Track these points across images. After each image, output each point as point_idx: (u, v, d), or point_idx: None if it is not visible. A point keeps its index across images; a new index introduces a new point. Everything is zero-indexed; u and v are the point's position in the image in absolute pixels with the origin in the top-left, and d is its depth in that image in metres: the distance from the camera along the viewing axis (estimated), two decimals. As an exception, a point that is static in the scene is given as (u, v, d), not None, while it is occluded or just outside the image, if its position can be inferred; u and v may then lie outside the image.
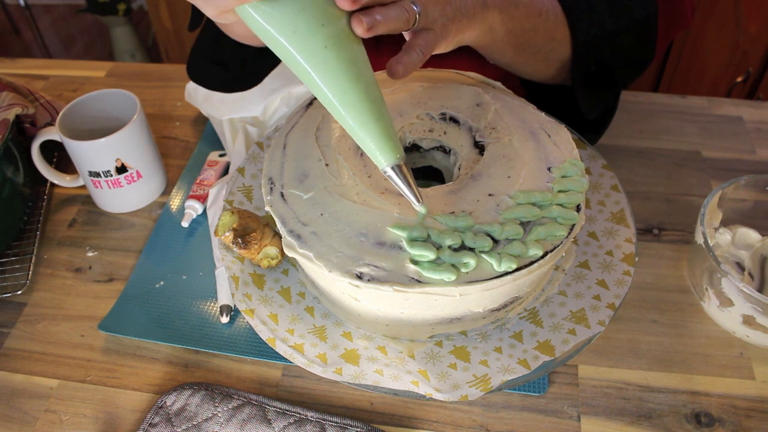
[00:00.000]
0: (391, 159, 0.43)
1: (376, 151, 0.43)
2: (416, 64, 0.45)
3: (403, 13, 0.43)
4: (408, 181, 0.44)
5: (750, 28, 1.37)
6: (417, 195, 0.44)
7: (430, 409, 0.52)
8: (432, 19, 0.46)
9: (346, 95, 0.40)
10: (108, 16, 2.13)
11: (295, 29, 0.39)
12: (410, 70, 0.45)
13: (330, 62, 0.39)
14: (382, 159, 0.43)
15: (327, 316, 0.53)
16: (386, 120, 0.42)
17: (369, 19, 0.42)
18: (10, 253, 0.66)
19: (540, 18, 0.56)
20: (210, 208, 0.67)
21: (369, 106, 0.41)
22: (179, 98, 0.86)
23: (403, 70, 0.45)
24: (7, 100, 0.69)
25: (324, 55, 0.39)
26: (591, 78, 0.62)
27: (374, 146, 0.42)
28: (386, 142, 0.42)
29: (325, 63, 0.39)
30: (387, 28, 0.43)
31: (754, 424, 0.51)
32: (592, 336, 0.50)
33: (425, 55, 0.46)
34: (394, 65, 0.45)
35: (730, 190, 0.59)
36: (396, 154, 0.43)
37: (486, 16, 0.51)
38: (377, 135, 0.42)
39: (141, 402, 0.54)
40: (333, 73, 0.40)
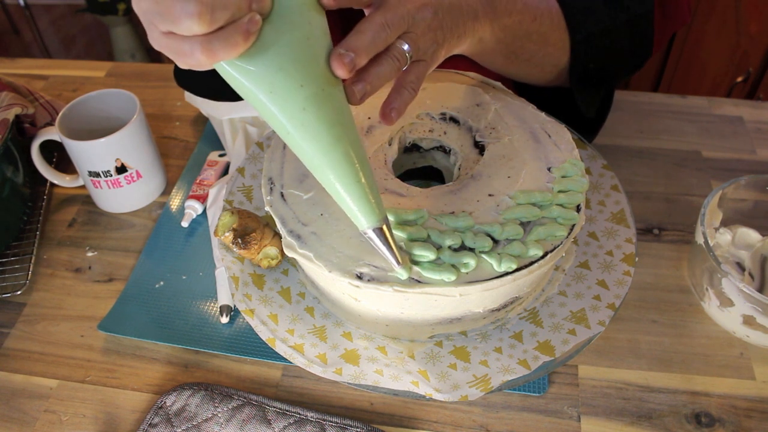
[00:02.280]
0: (371, 221, 0.41)
1: (357, 213, 0.41)
2: (408, 102, 0.45)
3: (395, 63, 0.42)
4: (389, 243, 0.42)
5: (750, 28, 1.37)
6: (397, 258, 0.42)
7: (430, 409, 0.52)
8: (423, 50, 0.45)
9: (326, 157, 0.39)
10: (108, 16, 2.13)
11: (272, 89, 0.37)
12: (403, 111, 0.44)
13: (309, 124, 0.38)
14: (363, 221, 0.41)
15: (327, 317, 0.53)
16: (368, 181, 0.40)
17: (361, 86, 0.40)
18: (10, 253, 0.66)
19: (534, 23, 0.55)
20: (210, 208, 0.67)
21: (350, 168, 0.39)
22: (179, 98, 0.86)
23: (397, 114, 0.44)
24: (7, 100, 0.69)
25: (302, 116, 0.37)
26: (589, 75, 0.62)
27: (355, 208, 0.41)
28: (366, 205, 0.40)
29: (303, 125, 0.38)
30: (380, 87, 0.42)
31: (754, 424, 0.51)
32: (592, 336, 0.50)
33: (416, 91, 0.45)
34: (388, 112, 0.44)
35: (730, 190, 0.59)
36: (376, 216, 0.41)
37: (476, 29, 0.50)
38: (358, 197, 0.40)
39: (141, 402, 0.54)
40: (312, 134, 0.38)
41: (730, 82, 1.48)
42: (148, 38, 0.37)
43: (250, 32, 0.34)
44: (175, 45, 0.35)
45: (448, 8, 0.46)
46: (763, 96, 1.46)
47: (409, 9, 0.43)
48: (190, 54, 0.35)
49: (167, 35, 0.35)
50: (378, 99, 0.55)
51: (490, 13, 0.51)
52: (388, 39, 0.42)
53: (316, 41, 0.38)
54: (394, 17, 0.42)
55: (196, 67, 0.36)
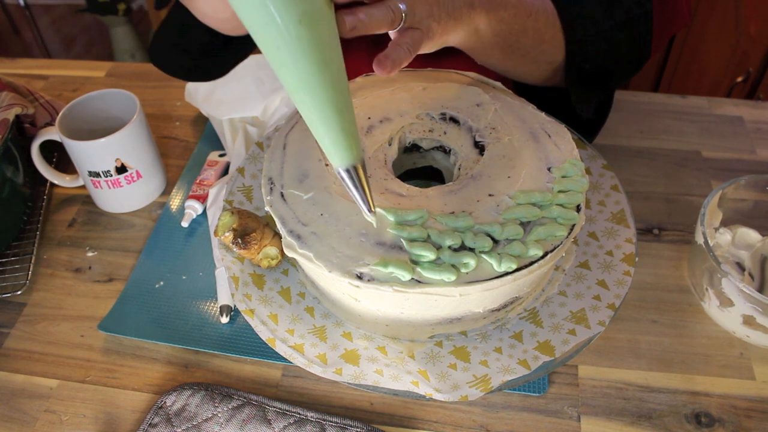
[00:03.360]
0: (346, 159, 0.40)
1: (331, 148, 0.40)
2: (403, 61, 0.45)
3: (389, 13, 0.43)
4: (362, 185, 0.41)
5: (750, 28, 1.37)
6: (369, 202, 0.42)
7: (430, 410, 0.52)
8: (419, 18, 0.46)
9: (312, 78, 0.38)
10: (108, 16, 2.13)
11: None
12: (397, 67, 0.44)
13: (303, 39, 0.37)
14: (336, 158, 0.40)
15: (327, 317, 0.53)
16: (349, 114, 0.40)
17: (353, 18, 0.41)
18: (10, 253, 0.66)
19: (529, 19, 0.56)
20: (210, 208, 0.67)
21: (335, 95, 0.39)
22: (179, 98, 0.86)
23: (392, 65, 0.44)
24: (7, 100, 0.69)
25: (297, 30, 0.36)
26: (585, 77, 0.62)
27: (330, 142, 0.40)
28: (344, 140, 0.39)
29: (298, 39, 0.37)
30: (371, 28, 0.42)
31: (754, 424, 0.51)
32: (592, 336, 0.50)
33: (412, 53, 0.45)
34: (383, 60, 0.44)
35: (730, 190, 0.59)
36: (352, 153, 0.40)
37: (473, 18, 0.51)
38: (338, 129, 0.39)
39: (141, 402, 0.54)
40: (303, 51, 0.37)
41: (730, 82, 1.48)
42: None
43: None
44: None
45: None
46: (763, 96, 1.46)
47: None
48: None
49: None
50: (378, 99, 0.56)
51: (485, 3, 0.52)
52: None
53: None
54: None
55: None
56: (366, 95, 0.56)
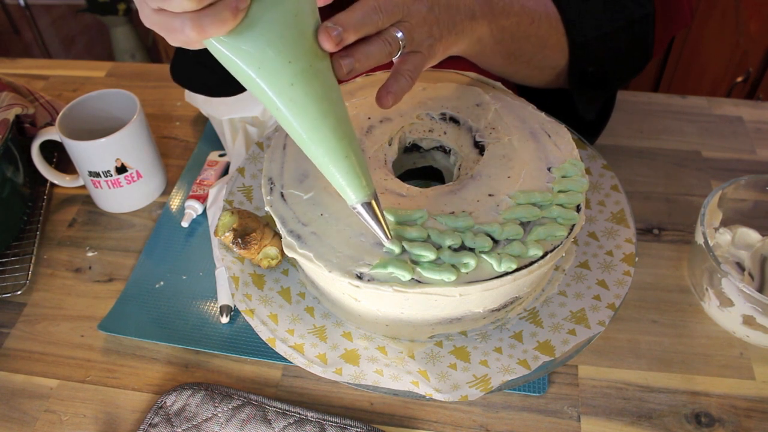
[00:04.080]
0: (360, 196, 0.41)
1: (346, 188, 0.41)
2: (405, 90, 0.45)
3: (385, 46, 0.43)
4: (378, 218, 0.42)
5: (750, 28, 1.37)
6: (386, 232, 0.43)
7: (430, 409, 0.52)
8: (418, 42, 0.45)
9: (315, 132, 0.39)
10: (108, 16, 2.13)
11: (261, 65, 0.37)
12: (400, 98, 0.45)
13: (297, 99, 0.38)
14: (352, 195, 0.41)
15: (327, 317, 0.53)
16: (356, 156, 0.41)
17: (349, 61, 0.41)
18: (10, 253, 0.66)
19: (532, 26, 0.55)
20: (210, 208, 0.67)
21: (338, 143, 0.40)
22: (179, 98, 0.86)
23: (393, 99, 0.44)
24: (7, 100, 0.69)
25: (291, 92, 0.38)
26: (588, 79, 0.62)
27: (344, 183, 0.41)
28: (355, 179, 0.41)
29: (292, 100, 0.38)
30: (368, 66, 0.42)
31: (754, 424, 0.51)
32: (592, 336, 0.50)
33: (414, 80, 0.45)
34: (384, 95, 0.44)
35: (730, 190, 0.59)
36: (365, 191, 0.41)
37: (474, 29, 0.50)
38: (346, 172, 0.41)
39: (141, 402, 0.54)
40: (301, 109, 0.39)
41: (730, 82, 1.48)
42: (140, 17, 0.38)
43: (238, 9, 0.35)
44: (166, 21, 0.36)
45: (445, 6, 0.47)
46: (763, 96, 1.46)
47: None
48: (180, 30, 0.35)
49: (158, 12, 0.36)
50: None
51: (487, 13, 0.51)
52: (380, 23, 0.42)
53: (304, 17, 0.38)
54: (387, 3, 0.42)
55: (186, 44, 0.37)
56: (366, 95, 0.56)
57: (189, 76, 0.72)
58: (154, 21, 0.36)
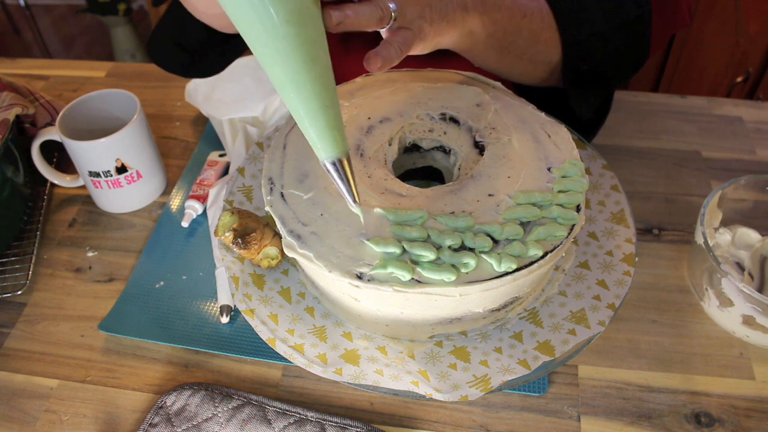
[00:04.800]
0: (331, 152, 0.41)
1: (318, 142, 0.41)
2: (393, 59, 0.45)
3: (377, 11, 0.43)
4: (347, 178, 0.42)
5: (750, 28, 1.37)
6: (354, 194, 0.42)
7: (430, 409, 0.52)
8: (409, 19, 0.46)
9: (299, 75, 0.39)
10: (108, 16, 2.13)
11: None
12: (387, 65, 0.45)
13: (290, 38, 0.38)
14: (322, 151, 0.41)
15: (327, 317, 0.53)
16: (335, 110, 0.40)
17: (339, 14, 0.41)
18: (10, 253, 0.66)
19: (524, 20, 0.56)
20: (210, 208, 0.67)
21: (320, 90, 0.39)
22: (179, 98, 0.86)
23: (382, 62, 0.44)
24: (7, 100, 0.69)
25: (285, 29, 0.37)
26: (582, 78, 0.62)
27: (316, 136, 0.40)
28: (330, 134, 0.40)
29: (285, 37, 0.38)
30: (358, 24, 0.43)
31: (754, 424, 0.51)
32: (592, 336, 0.50)
33: (402, 52, 0.45)
34: (373, 56, 0.44)
35: (730, 190, 0.59)
36: (338, 148, 0.41)
37: (466, 21, 0.51)
38: (324, 125, 0.40)
39: (141, 402, 0.54)
40: (291, 50, 0.38)
41: (729, 82, 1.48)
42: None
43: None
44: None
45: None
46: (762, 96, 1.46)
47: None
48: None
49: None
50: (378, 99, 0.56)
51: (479, 6, 0.52)
52: None
53: None
54: None
55: None
56: (366, 95, 0.56)
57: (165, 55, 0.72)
58: None
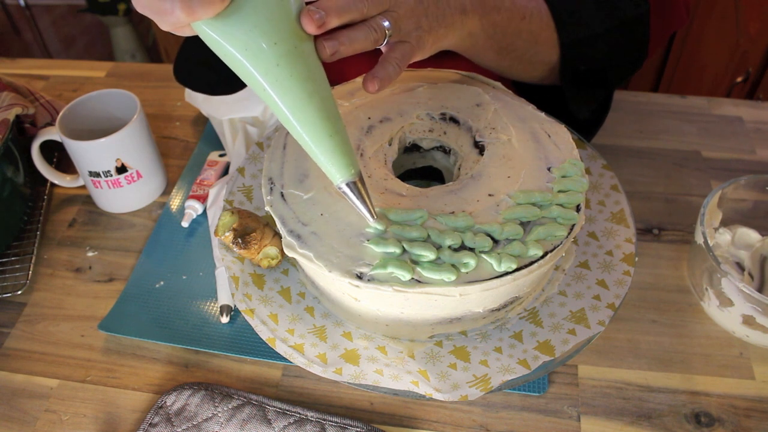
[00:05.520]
0: (344, 175, 0.42)
1: (331, 167, 0.42)
2: (392, 77, 0.45)
3: (371, 33, 0.43)
4: (362, 197, 0.43)
5: (750, 28, 1.37)
6: (371, 211, 0.44)
7: (430, 409, 0.52)
8: (406, 32, 0.46)
9: (300, 112, 0.40)
10: (108, 16, 2.13)
11: (247, 47, 0.38)
12: (386, 84, 0.45)
13: (283, 80, 0.39)
14: (337, 175, 0.42)
15: (327, 316, 0.53)
16: (341, 136, 0.42)
17: (333, 44, 0.42)
18: (10, 253, 0.66)
19: (523, 21, 0.56)
20: (210, 208, 0.67)
21: (323, 123, 0.41)
22: (179, 98, 0.86)
23: (380, 84, 0.45)
24: (7, 100, 0.69)
25: (277, 72, 0.39)
26: (580, 78, 0.62)
27: (328, 162, 0.42)
28: (340, 159, 0.42)
29: (278, 80, 0.39)
30: (353, 50, 0.43)
31: (754, 424, 0.51)
32: (592, 336, 0.50)
33: (401, 68, 0.46)
34: (370, 80, 0.45)
35: (730, 190, 0.59)
36: (349, 170, 0.42)
37: (465, 23, 0.51)
38: (331, 151, 0.41)
39: (141, 402, 0.54)
40: (286, 90, 0.40)
41: (729, 82, 1.48)
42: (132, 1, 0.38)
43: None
44: (157, 4, 0.36)
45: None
46: (762, 96, 1.46)
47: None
48: (170, 12, 0.36)
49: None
50: (378, 99, 0.56)
51: (478, 8, 0.51)
52: (365, 11, 0.43)
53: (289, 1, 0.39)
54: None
55: (176, 26, 0.38)
56: (366, 95, 0.56)
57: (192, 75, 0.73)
58: (146, 4, 0.37)
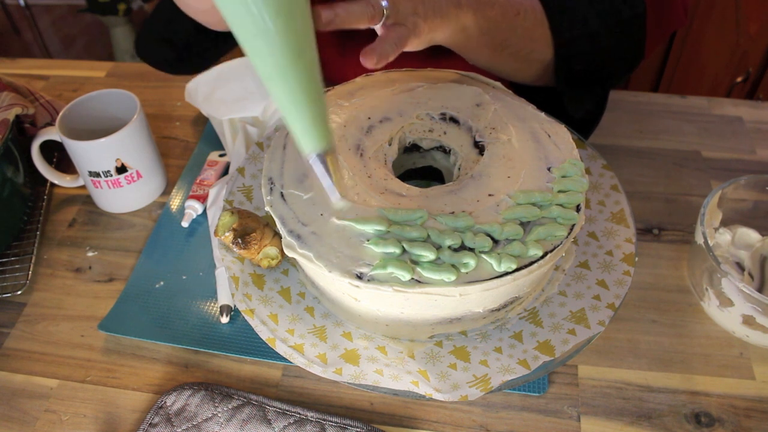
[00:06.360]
0: (317, 146, 0.40)
1: (302, 135, 0.40)
2: (389, 55, 0.45)
3: (368, 8, 0.43)
4: (329, 172, 0.42)
5: (750, 28, 1.37)
6: (338, 189, 0.42)
7: (430, 409, 0.52)
8: (403, 15, 0.46)
9: (286, 68, 0.39)
10: (108, 16, 2.13)
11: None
12: (383, 60, 0.45)
13: (278, 30, 0.37)
14: (307, 144, 0.40)
15: (327, 316, 0.53)
16: (320, 106, 0.40)
17: (329, 12, 0.41)
18: (10, 253, 0.66)
19: (518, 18, 0.56)
20: (210, 208, 0.67)
21: (305, 84, 0.39)
22: (179, 98, 0.86)
23: (378, 57, 0.44)
24: (7, 100, 0.69)
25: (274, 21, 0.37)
26: (575, 77, 0.62)
27: (301, 129, 0.40)
28: (315, 128, 0.40)
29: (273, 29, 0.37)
30: (348, 22, 0.43)
31: (754, 424, 0.51)
32: (592, 336, 0.50)
33: (398, 48, 0.46)
34: (369, 52, 0.44)
35: (730, 190, 0.59)
36: (323, 142, 0.40)
37: (459, 16, 0.51)
38: (308, 118, 0.40)
39: (141, 402, 0.54)
40: (278, 42, 0.38)
41: (729, 82, 1.48)
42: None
43: None
44: None
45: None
46: (762, 96, 1.46)
47: None
48: None
49: None
50: (378, 99, 0.56)
51: (473, 2, 0.52)
52: None
53: None
54: None
55: None
56: (366, 95, 0.56)
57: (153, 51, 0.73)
58: None
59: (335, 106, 0.55)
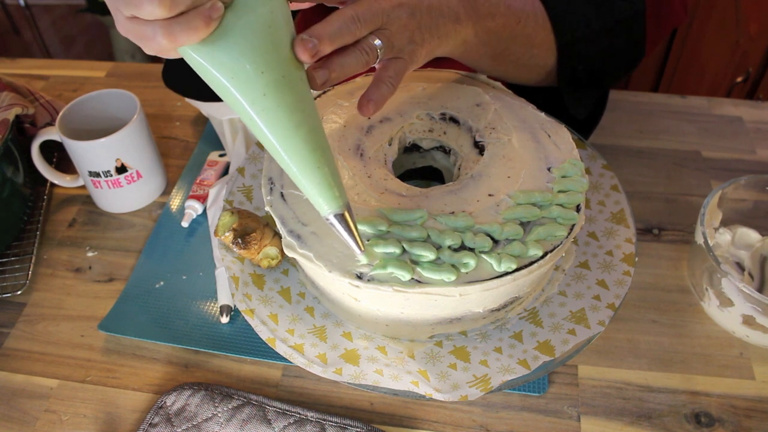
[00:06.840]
0: (332, 207, 0.41)
1: (318, 198, 0.41)
2: (386, 97, 0.45)
3: (362, 56, 0.42)
4: (350, 229, 0.42)
5: (750, 28, 1.37)
6: (359, 244, 0.43)
7: (430, 409, 0.52)
8: (399, 48, 0.45)
9: (287, 142, 0.39)
10: (108, 16, 2.13)
11: (233, 75, 0.37)
12: (381, 105, 0.45)
13: (269, 109, 0.38)
14: (324, 206, 0.41)
15: (327, 316, 0.53)
16: (329, 167, 0.41)
17: (324, 73, 0.41)
18: (10, 253, 0.66)
19: (519, 25, 0.55)
20: (210, 208, 0.67)
21: (311, 154, 0.40)
22: (179, 98, 0.86)
23: (374, 107, 0.44)
24: (7, 100, 0.69)
25: (263, 102, 0.38)
26: (578, 77, 0.62)
27: (316, 193, 0.41)
28: (327, 191, 0.41)
29: (264, 110, 0.38)
30: (344, 77, 0.42)
31: (754, 424, 0.51)
32: (592, 336, 0.50)
33: (395, 86, 0.45)
34: (365, 103, 0.44)
35: (730, 190, 0.59)
36: (337, 202, 0.41)
37: (459, 32, 0.50)
38: (319, 183, 0.40)
39: (141, 402, 0.54)
40: (273, 119, 0.38)
41: (729, 82, 1.48)
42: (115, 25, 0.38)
43: (211, 18, 0.35)
44: (139, 29, 0.36)
45: (426, 10, 0.46)
46: (762, 96, 1.46)
47: (384, 7, 0.43)
48: (152, 38, 0.36)
49: (131, 20, 0.36)
50: (378, 99, 0.56)
51: (472, 15, 0.51)
52: (357, 33, 0.42)
53: (279, 29, 0.38)
54: (366, 12, 0.42)
55: (160, 52, 0.37)
56: (366, 95, 0.56)
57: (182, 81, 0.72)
58: (128, 29, 0.36)
59: (335, 106, 0.55)
